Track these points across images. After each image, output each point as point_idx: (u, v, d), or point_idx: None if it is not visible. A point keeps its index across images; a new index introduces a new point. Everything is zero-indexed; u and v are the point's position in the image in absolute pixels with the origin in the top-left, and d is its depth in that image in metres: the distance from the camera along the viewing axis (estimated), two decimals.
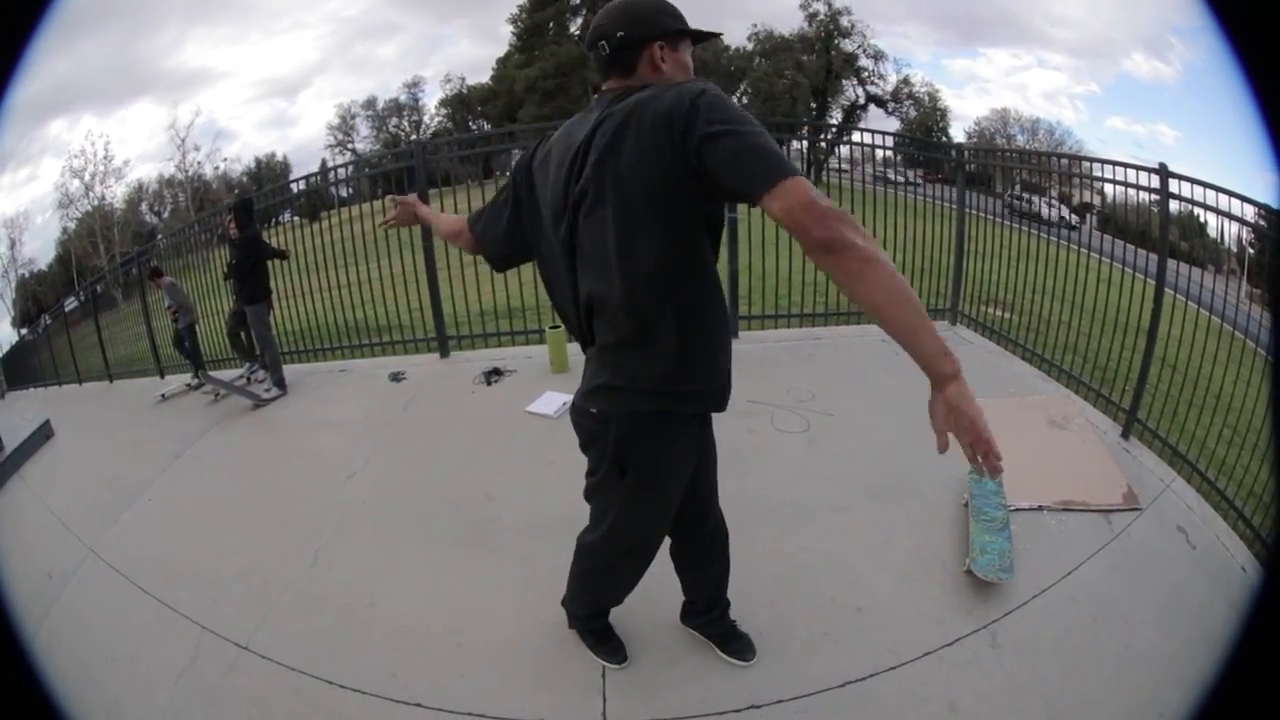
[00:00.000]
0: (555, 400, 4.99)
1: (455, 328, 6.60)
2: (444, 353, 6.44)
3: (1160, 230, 4.43)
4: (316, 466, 4.62)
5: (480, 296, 6.51)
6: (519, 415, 4.91)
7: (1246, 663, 0.87)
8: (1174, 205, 4.32)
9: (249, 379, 6.56)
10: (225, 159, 34.01)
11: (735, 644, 2.76)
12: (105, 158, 30.06)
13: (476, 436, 4.68)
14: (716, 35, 2.03)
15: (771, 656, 2.75)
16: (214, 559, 3.71)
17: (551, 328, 5.85)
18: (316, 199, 9.42)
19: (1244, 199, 3.96)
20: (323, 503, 4.11)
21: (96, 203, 29.84)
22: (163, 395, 6.69)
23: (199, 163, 32.82)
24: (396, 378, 5.97)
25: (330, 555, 3.63)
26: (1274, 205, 3.76)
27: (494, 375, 5.67)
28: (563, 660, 2.81)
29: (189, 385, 6.74)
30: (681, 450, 2.09)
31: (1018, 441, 4.18)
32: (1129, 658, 2.77)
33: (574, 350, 5.71)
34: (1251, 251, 5.80)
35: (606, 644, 2.81)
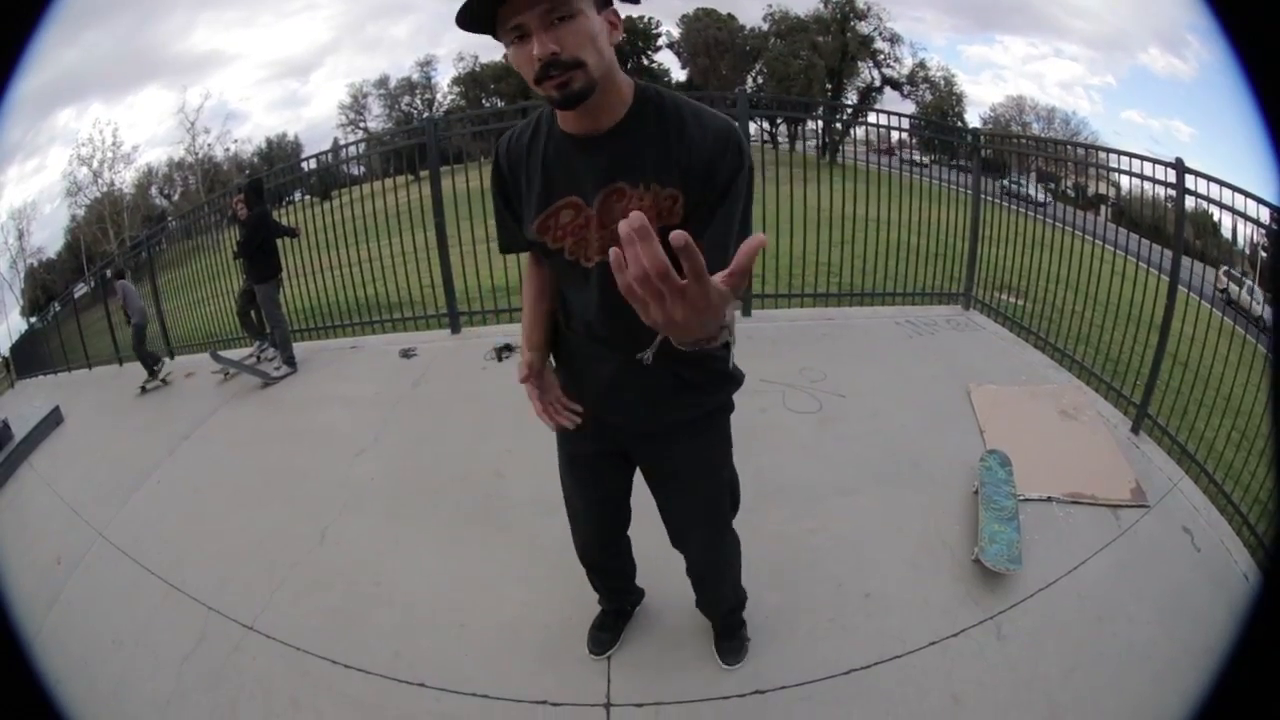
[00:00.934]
0: None
1: (467, 304, 6.58)
2: (455, 329, 6.44)
3: (1175, 226, 4.39)
4: (326, 444, 4.62)
5: (492, 272, 6.49)
6: None
7: (1244, 668, 0.86)
8: (1189, 202, 4.27)
9: (259, 357, 6.56)
10: (236, 140, 33.85)
11: (728, 643, 2.72)
12: (114, 144, 30.01)
13: (486, 413, 4.66)
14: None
15: (777, 641, 2.75)
16: (221, 539, 3.73)
17: None
18: (328, 177, 9.39)
19: (1260, 200, 3.92)
20: (331, 481, 4.11)
21: (105, 189, 29.82)
22: (142, 388, 6.71)
23: (209, 145, 32.72)
24: (407, 354, 5.96)
25: (337, 534, 3.64)
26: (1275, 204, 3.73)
27: (505, 351, 5.64)
28: (568, 641, 2.82)
29: (143, 388, 6.73)
30: (562, 447, 2.24)
31: (1028, 430, 4.17)
32: (1131, 657, 2.77)
33: None
34: (1264, 255, 5.73)
35: (597, 630, 2.81)
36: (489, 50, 36.94)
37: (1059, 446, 4.10)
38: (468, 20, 1.43)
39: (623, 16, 1.61)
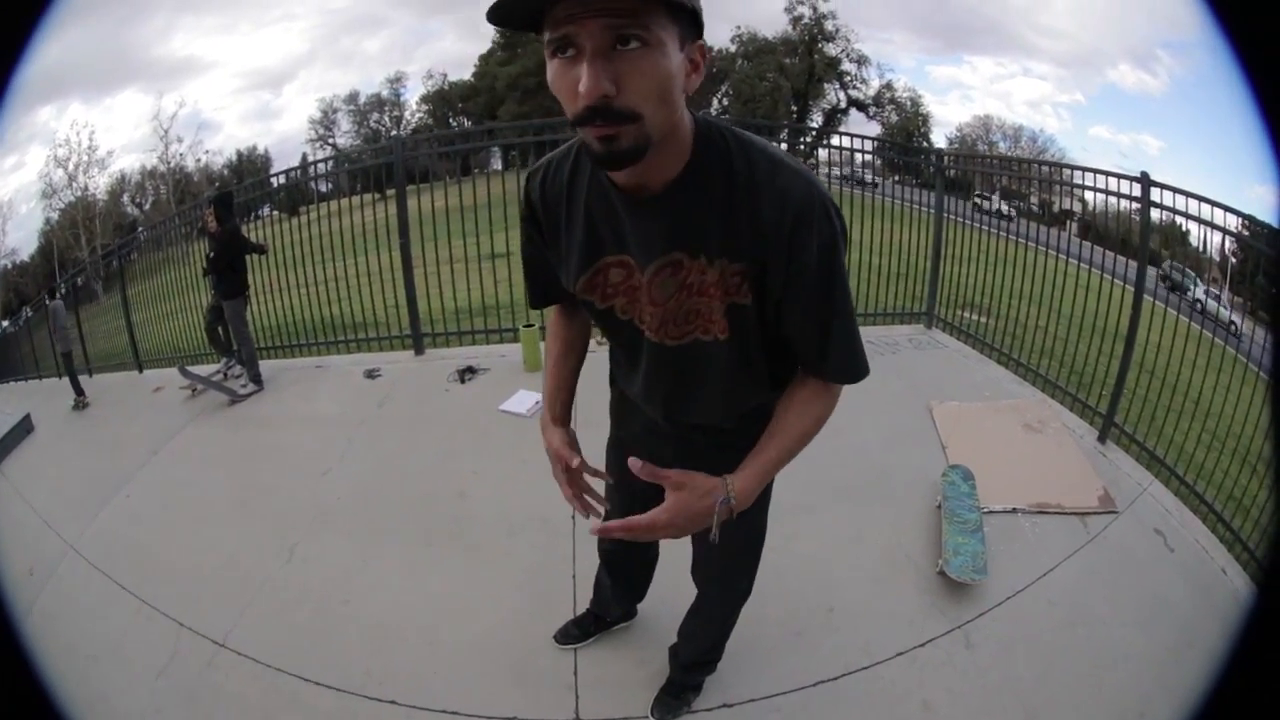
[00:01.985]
0: (528, 399, 4.96)
1: (430, 325, 6.55)
2: (419, 350, 6.40)
3: (1140, 237, 4.47)
4: (292, 463, 4.58)
5: (455, 294, 6.49)
6: (492, 414, 4.88)
7: (1243, 677, 0.87)
8: (1156, 214, 4.36)
9: (226, 374, 6.50)
10: (207, 151, 33.68)
11: (667, 697, 2.59)
12: (90, 147, 29.73)
13: (450, 435, 4.67)
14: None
15: (741, 656, 2.73)
16: (192, 555, 3.70)
17: (525, 326, 5.81)
18: (296, 194, 9.33)
19: (1227, 209, 4.00)
20: (298, 499, 4.08)
21: (79, 193, 29.49)
22: (73, 404, 6.74)
23: (181, 154, 32.50)
24: (372, 375, 5.92)
25: (306, 551, 3.61)
26: (1272, 223, 3.81)
27: (468, 373, 5.64)
28: (536, 658, 2.82)
29: (74, 405, 6.79)
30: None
31: (992, 444, 4.22)
32: (1108, 659, 2.81)
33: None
34: (1234, 261, 5.84)
35: (573, 624, 2.86)
36: (457, 68, 37.01)
37: (1023, 459, 4.15)
38: (504, 15, 1.07)
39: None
